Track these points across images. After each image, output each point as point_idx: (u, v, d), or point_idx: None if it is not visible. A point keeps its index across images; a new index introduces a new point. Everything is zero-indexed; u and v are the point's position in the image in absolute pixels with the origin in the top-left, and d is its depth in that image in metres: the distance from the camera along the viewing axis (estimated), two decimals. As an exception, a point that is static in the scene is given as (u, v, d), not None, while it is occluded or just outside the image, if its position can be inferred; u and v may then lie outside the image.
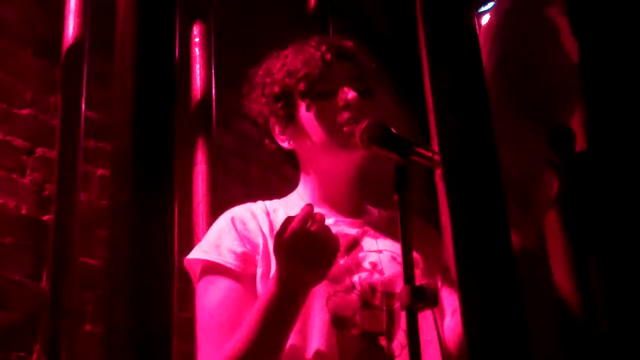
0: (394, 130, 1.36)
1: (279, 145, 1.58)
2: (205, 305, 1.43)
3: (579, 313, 1.11)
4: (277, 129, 1.56)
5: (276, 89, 1.54)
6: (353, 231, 1.50)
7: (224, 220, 1.50)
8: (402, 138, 1.33)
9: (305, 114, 1.50)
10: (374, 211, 1.63)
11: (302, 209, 1.27)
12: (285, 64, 1.55)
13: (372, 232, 1.52)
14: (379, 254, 1.48)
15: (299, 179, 1.60)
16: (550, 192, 1.20)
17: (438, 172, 1.29)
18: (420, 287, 1.15)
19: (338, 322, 1.36)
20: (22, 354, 2.73)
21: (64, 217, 1.93)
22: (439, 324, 1.40)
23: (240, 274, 1.42)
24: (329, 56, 1.51)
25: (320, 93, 1.49)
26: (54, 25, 2.29)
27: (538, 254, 1.18)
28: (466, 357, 1.46)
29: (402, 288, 1.16)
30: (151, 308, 0.76)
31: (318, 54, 1.52)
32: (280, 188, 1.66)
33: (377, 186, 1.67)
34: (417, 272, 1.32)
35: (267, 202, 1.55)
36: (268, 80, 1.56)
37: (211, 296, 1.43)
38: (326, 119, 1.48)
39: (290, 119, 1.53)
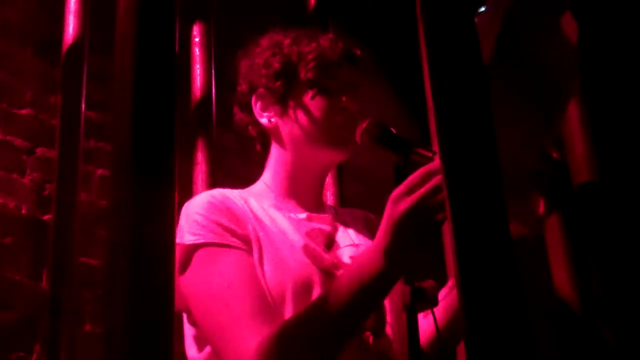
0: (393, 131, 1.36)
1: (252, 120, 1.53)
2: (218, 281, 1.30)
3: (577, 310, 1.11)
4: (260, 103, 1.52)
5: (281, 65, 1.50)
6: (325, 227, 1.49)
7: (206, 200, 1.39)
8: (402, 138, 1.33)
9: (307, 102, 1.48)
10: (340, 209, 1.64)
11: (435, 178, 1.15)
12: (297, 44, 1.51)
13: (341, 227, 1.52)
14: (356, 248, 1.47)
15: (265, 166, 1.55)
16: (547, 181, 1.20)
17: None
18: (421, 287, 1.16)
19: None
20: (22, 354, 2.73)
21: (64, 217, 1.93)
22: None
23: (246, 252, 1.34)
24: (343, 55, 1.51)
25: (327, 88, 1.48)
26: (54, 25, 2.29)
27: (536, 244, 1.19)
28: (442, 356, 1.47)
29: (402, 288, 1.16)
30: (151, 308, 0.76)
31: (334, 49, 1.51)
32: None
33: (364, 186, 1.67)
34: None
35: (236, 191, 1.47)
36: (274, 53, 1.51)
37: (222, 270, 1.31)
38: (325, 114, 1.47)
39: (281, 99, 1.50)
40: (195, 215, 1.37)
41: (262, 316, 1.26)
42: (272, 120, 1.51)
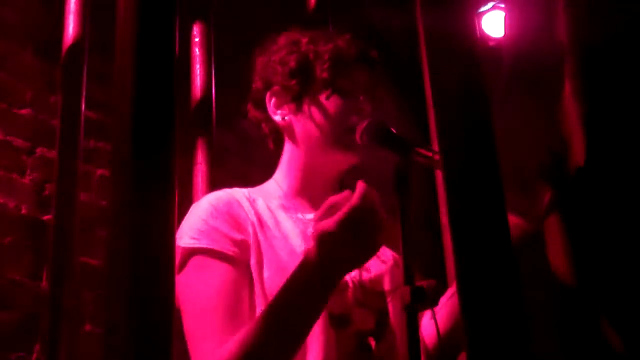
0: (394, 130, 1.36)
1: (266, 117, 1.54)
2: (201, 290, 1.34)
3: (577, 301, 1.11)
4: (274, 100, 1.52)
5: (298, 63, 1.50)
6: None
7: (208, 205, 1.42)
8: (403, 138, 1.33)
9: (322, 101, 1.48)
10: None
11: (359, 188, 1.22)
12: (314, 44, 1.52)
13: None
14: None
15: (278, 164, 1.55)
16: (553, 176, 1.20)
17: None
18: (421, 287, 1.16)
19: (335, 320, 1.36)
20: (22, 354, 2.74)
21: (64, 217, 1.93)
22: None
23: (237, 260, 1.36)
24: (359, 57, 1.51)
25: (342, 88, 1.48)
26: (54, 25, 2.29)
27: (538, 238, 1.19)
28: (447, 356, 1.46)
29: (402, 288, 1.16)
30: (151, 308, 0.76)
31: (350, 51, 1.51)
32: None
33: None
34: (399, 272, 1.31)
35: (245, 190, 1.49)
36: (291, 51, 1.52)
37: (207, 281, 1.34)
38: (340, 114, 1.47)
39: (296, 97, 1.50)
40: (196, 218, 1.39)
41: (230, 331, 1.28)
42: (286, 118, 1.51)
